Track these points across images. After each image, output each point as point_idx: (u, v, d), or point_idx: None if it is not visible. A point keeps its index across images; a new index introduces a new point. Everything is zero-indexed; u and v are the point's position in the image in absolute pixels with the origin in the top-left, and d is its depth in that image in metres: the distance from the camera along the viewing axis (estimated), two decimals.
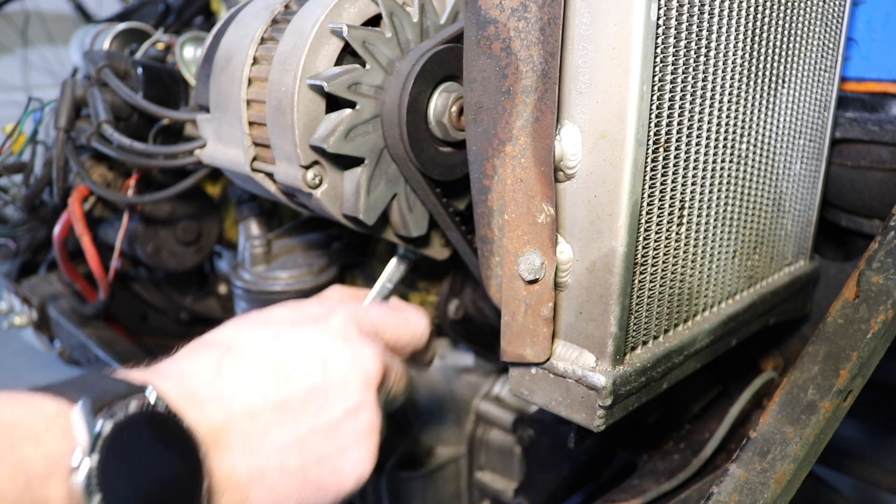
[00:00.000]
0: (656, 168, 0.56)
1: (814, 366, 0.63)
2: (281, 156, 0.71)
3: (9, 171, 1.17)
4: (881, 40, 0.79)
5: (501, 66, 0.57)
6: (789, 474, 0.58)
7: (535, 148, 0.55)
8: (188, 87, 1.07)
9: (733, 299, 0.73)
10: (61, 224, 1.12)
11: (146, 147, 0.90)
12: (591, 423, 0.59)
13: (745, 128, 0.65)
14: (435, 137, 0.71)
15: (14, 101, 1.21)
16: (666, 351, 0.63)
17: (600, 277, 0.57)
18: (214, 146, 0.80)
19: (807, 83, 0.73)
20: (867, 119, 0.81)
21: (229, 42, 0.77)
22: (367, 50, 0.67)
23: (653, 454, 0.90)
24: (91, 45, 1.20)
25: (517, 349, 0.61)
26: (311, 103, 0.68)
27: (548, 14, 0.52)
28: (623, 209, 0.54)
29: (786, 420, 0.61)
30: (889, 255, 0.66)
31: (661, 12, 0.51)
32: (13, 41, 2.38)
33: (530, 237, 0.57)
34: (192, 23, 1.40)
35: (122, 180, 1.10)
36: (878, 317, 0.64)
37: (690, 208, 0.62)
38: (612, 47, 0.51)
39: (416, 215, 0.76)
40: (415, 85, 0.67)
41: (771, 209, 0.75)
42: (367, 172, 0.70)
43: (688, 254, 0.64)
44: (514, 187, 0.57)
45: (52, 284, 1.42)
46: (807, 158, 0.78)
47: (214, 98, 0.78)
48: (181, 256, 1.21)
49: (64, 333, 1.31)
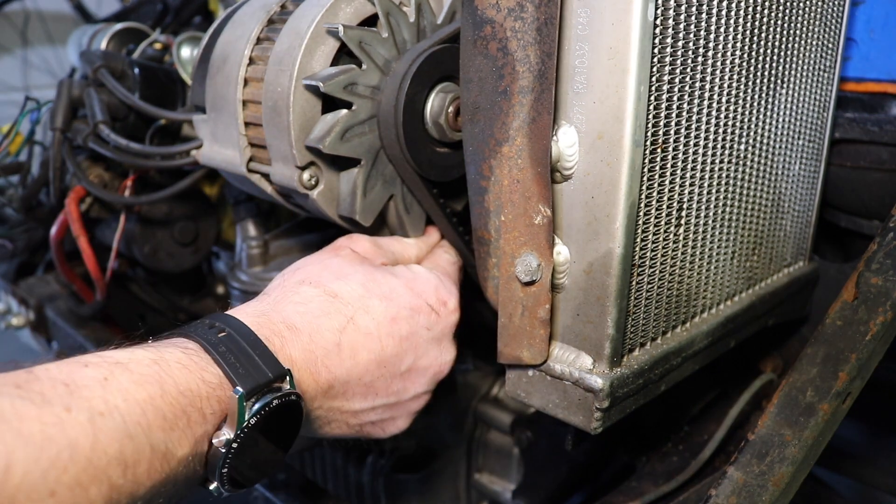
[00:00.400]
0: (654, 169, 0.56)
1: (812, 367, 0.63)
2: (277, 157, 0.71)
3: (5, 172, 1.16)
4: (880, 40, 0.79)
5: (498, 66, 0.56)
6: (787, 477, 0.58)
7: (532, 149, 0.55)
8: (185, 88, 1.07)
9: (732, 301, 0.73)
10: (58, 225, 1.12)
11: (143, 147, 0.90)
12: (588, 425, 0.59)
13: (743, 128, 0.65)
14: (432, 138, 0.70)
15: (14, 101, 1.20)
16: (664, 353, 0.63)
17: (597, 279, 0.56)
18: (211, 147, 0.80)
19: (806, 83, 0.73)
20: (866, 119, 0.81)
21: (225, 42, 0.77)
22: (364, 50, 0.66)
23: (651, 456, 0.90)
24: (88, 45, 1.20)
25: (514, 351, 0.60)
26: (307, 104, 0.67)
27: (544, 14, 0.52)
28: (620, 210, 0.54)
29: (784, 422, 0.61)
30: (888, 256, 0.66)
31: (659, 12, 0.51)
32: (13, 41, 2.38)
33: (527, 238, 0.57)
34: (190, 23, 1.39)
35: (119, 181, 1.10)
36: (876, 318, 0.63)
37: (689, 209, 0.61)
38: (609, 48, 0.51)
39: (413, 216, 0.76)
40: (411, 85, 0.67)
41: (770, 210, 0.74)
42: (363, 173, 0.69)
43: (686, 255, 0.63)
44: (510, 188, 0.57)
45: (50, 285, 1.42)
46: (806, 159, 0.78)
47: (210, 98, 0.78)
48: (178, 257, 1.21)
49: (61, 334, 1.31)
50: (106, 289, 1.17)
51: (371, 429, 0.67)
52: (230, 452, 0.50)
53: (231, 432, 0.50)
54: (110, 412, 0.44)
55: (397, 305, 0.64)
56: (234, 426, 0.50)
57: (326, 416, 0.62)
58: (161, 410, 0.47)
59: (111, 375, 0.46)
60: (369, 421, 0.65)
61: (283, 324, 0.59)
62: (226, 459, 0.50)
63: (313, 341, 0.59)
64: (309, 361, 0.59)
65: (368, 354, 0.62)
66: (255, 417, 0.51)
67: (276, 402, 0.52)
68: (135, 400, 0.46)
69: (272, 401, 0.52)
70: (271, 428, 0.53)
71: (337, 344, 0.60)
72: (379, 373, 0.63)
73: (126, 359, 0.48)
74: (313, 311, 0.61)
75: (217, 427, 0.51)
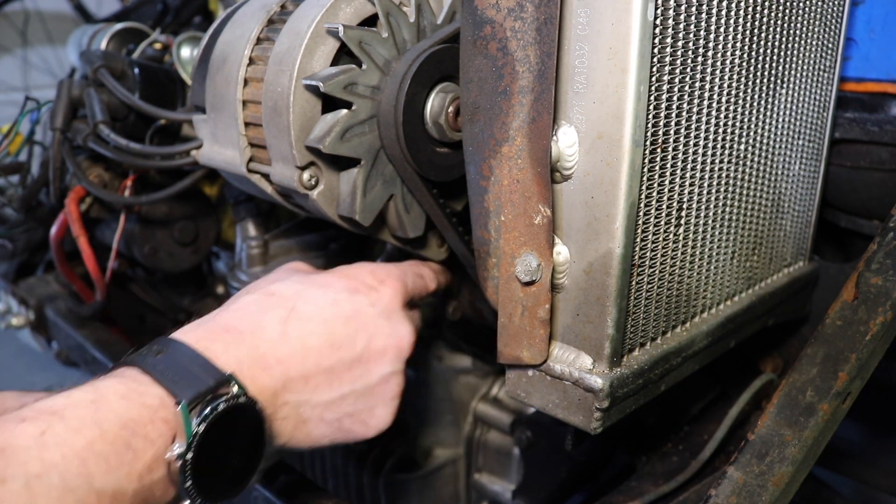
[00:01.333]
0: (654, 169, 0.56)
1: (812, 367, 0.63)
2: (277, 157, 0.71)
3: (5, 172, 1.17)
4: (880, 40, 0.79)
5: (498, 66, 0.56)
6: (787, 477, 0.58)
7: (532, 149, 0.55)
8: (185, 88, 1.07)
9: (732, 301, 0.73)
10: (58, 225, 1.12)
11: (143, 147, 0.90)
12: (588, 425, 0.59)
13: (743, 128, 0.65)
14: (432, 138, 0.70)
15: (14, 101, 1.20)
16: (664, 353, 0.63)
17: (597, 279, 0.56)
18: (211, 147, 0.80)
19: (806, 83, 0.73)
20: (866, 119, 0.81)
21: (225, 42, 0.77)
22: (364, 50, 0.66)
23: (651, 456, 0.90)
24: (88, 45, 1.20)
25: (514, 351, 0.60)
26: (307, 104, 0.67)
27: (544, 14, 0.52)
28: (620, 210, 0.53)
29: (784, 422, 0.61)
30: (888, 256, 0.66)
31: (659, 12, 0.51)
32: (13, 41, 2.38)
33: (527, 238, 0.57)
34: (190, 23, 1.39)
35: (119, 181, 1.10)
36: (876, 318, 0.63)
37: (689, 209, 0.61)
38: (609, 47, 0.51)
39: (413, 216, 0.76)
40: (411, 85, 0.67)
41: (770, 210, 0.74)
42: (363, 173, 0.69)
43: (686, 255, 0.63)
44: (510, 188, 0.57)
45: (50, 285, 1.42)
46: (806, 159, 0.78)
47: (210, 98, 0.78)
48: (178, 257, 1.21)
49: (61, 334, 1.31)
50: (106, 289, 1.17)
51: (352, 423, 0.65)
52: (187, 466, 0.50)
53: (182, 445, 0.50)
54: (47, 472, 0.44)
55: (335, 289, 0.65)
56: (184, 438, 0.50)
57: (297, 413, 0.61)
58: (102, 454, 0.46)
59: (48, 428, 0.46)
60: (346, 413, 0.64)
61: (223, 329, 0.59)
62: (185, 474, 0.50)
63: (257, 337, 0.59)
64: (257, 358, 0.58)
65: (318, 339, 0.62)
66: (204, 424, 0.51)
67: (222, 405, 0.52)
68: (73, 452, 0.45)
69: (218, 405, 0.52)
70: (228, 434, 0.53)
71: (283, 334, 0.60)
72: (336, 356, 0.62)
73: (62, 406, 0.48)
74: (252, 312, 0.62)
75: (169, 446, 0.50)
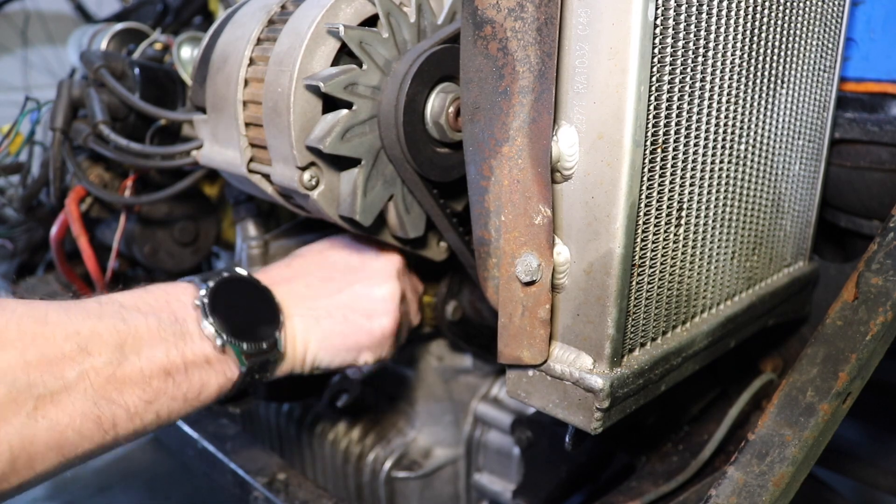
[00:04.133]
0: (654, 169, 0.56)
1: (812, 368, 0.63)
2: (277, 157, 0.71)
3: (5, 172, 1.16)
4: (880, 40, 0.79)
5: (498, 66, 0.56)
6: (788, 477, 0.58)
7: (532, 149, 0.55)
8: (185, 88, 1.07)
9: (732, 301, 0.73)
10: (58, 225, 1.12)
11: (143, 148, 0.90)
12: (588, 425, 0.59)
13: (743, 128, 0.65)
14: (432, 138, 0.70)
15: (14, 101, 1.20)
16: (664, 353, 0.63)
17: (598, 279, 0.56)
18: (211, 147, 0.80)
19: (806, 83, 0.73)
20: (866, 119, 0.81)
21: (225, 42, 0.77)
22: (364, 50, 0.66)
23: (651, 456, 0.90)
24: (88, 45, 1.20)
25: (514, 351, 0.60)
26: (308, 104, 0.67)
27: (544, 14, 0.52)
28: (620, 210, 0.54)
29: (784, 422, 0.61)
30: (888, 256, 0.66)
31: (659, 12, 0.51)
32: (13, 41, 2.38)
33: (527, 238, 0.57)
34: (190, 23, 1.39)
35: (120, 181, 1.10)
36: (877, 318, 0.63)
37: (689, 209, 0.61)
38: (609, 48, 0.51)
39: (413, 216, 0.76)
40: (412, 85, 0.67)
41: (770, 210, 0.74)
42: (363, 173, 0.70)
43: (686, 255, 0.63)
44: (510, 188, 0.57)
45: (50, 285, 1.42)
46: (806, 159, 0.78)
47: (211, 99, 0.78)
48: (178, 257, 1.21)
49: None
50: (106, 289, 1.17)
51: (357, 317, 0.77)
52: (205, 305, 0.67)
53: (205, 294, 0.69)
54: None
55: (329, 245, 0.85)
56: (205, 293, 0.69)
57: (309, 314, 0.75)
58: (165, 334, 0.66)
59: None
60: (349, 307, 0.77)
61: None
62: (205, 311, 0.67)
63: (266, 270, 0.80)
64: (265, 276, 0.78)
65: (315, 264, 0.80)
66: (213, 282, 0.69)
67: (226, 273, 0.72)
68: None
69: (222, 272, 0.72)
70: (238, 292, 0.71)
71: (287, 266, 0.81)
72: (329, 265, 0.80)
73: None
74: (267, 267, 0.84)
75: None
